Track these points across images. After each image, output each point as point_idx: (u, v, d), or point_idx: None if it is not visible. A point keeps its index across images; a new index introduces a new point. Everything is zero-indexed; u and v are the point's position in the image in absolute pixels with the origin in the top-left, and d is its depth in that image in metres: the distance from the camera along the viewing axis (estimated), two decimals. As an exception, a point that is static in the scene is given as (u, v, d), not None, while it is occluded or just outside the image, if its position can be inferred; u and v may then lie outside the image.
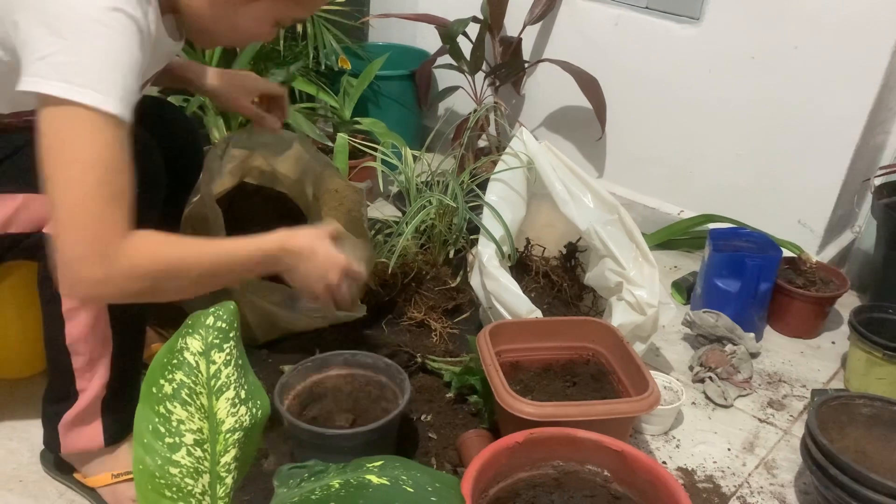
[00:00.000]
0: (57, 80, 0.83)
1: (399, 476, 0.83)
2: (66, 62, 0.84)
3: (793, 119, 1.88)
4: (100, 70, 0.85)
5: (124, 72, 0.87)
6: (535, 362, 1.38)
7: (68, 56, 0.84)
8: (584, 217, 1.50)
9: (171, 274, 0.92)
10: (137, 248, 0.89)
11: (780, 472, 1.38)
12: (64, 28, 0.84)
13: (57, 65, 0.84)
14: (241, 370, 0.82)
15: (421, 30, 2.46)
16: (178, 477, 0.77)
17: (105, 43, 0.86)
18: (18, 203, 1.02)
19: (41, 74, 0.84)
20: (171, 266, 0.92)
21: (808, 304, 1.74)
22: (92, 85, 0.84)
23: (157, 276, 0.91)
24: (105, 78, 0.85)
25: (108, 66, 0.86)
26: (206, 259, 0.96)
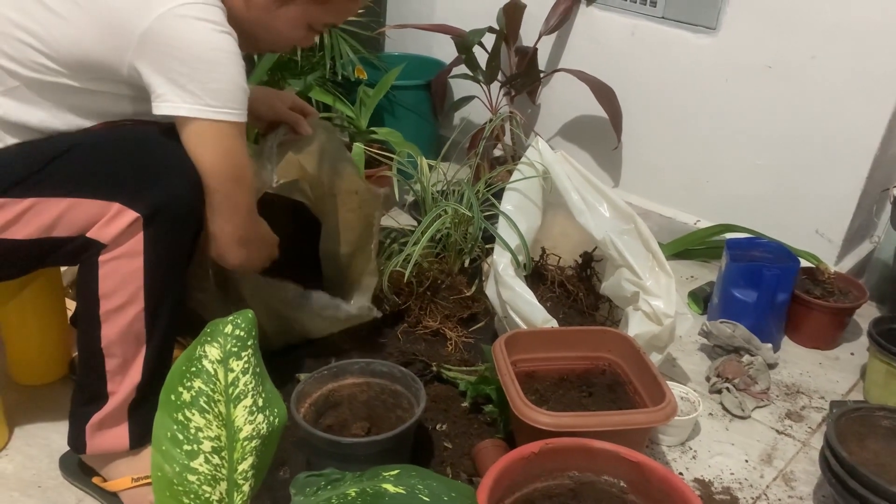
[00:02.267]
0: (196, 104, 1.03)
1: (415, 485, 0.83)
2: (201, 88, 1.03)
3: (810, 129, 1.87)
4: (229, 90, 1.05)
5: (241, 83, 1.07)
6: (550, 372, 1.38)
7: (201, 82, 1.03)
8: (599, 226, 1.50)
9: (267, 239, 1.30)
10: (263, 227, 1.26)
11: (799, 484, 1.37)
12: (191, 60, 1.02)
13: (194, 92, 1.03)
14: (258, 378, 0.83)
15: (437, 40, 2.47)
16: (196, 484, 0.78)
17: (228, 64, 1.05)
18: (63, 207, 1.04)
19: (181, 99, 1.03)
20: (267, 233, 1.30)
21: (826, 314, 1.73)
22: (228, 105, 1.06)
23: (265, 242, 1.29)
24: (233, 96, 1.06)
25: (233, 84, 1.06)
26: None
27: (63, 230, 1.04)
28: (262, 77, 2.06)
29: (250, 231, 1.18)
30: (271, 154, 1.35)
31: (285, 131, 1.38)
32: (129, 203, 1.03)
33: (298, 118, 1.39)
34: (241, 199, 1.13)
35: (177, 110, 1.03)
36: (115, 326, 1.08)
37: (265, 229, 1.28)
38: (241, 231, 1.16)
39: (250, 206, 1.17)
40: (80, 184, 1.04)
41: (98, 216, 1.03)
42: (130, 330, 1.08)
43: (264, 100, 1.38)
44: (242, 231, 1.16)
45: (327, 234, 1.54)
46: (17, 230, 1.04)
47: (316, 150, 1.41)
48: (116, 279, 1.05)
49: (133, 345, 1.10)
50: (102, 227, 1.03)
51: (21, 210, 1.03)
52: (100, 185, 1.04)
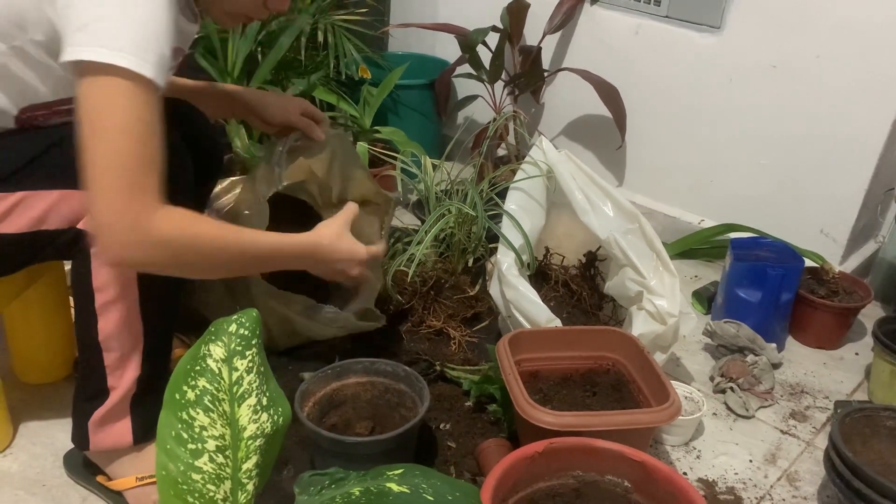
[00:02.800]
0: (95, 45, 0.86)
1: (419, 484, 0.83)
2: (103, 28, 0.87)
3: (815, 128, 1.87)
4: (135, 35, 0.88)
5: (159, 38, 0.90)
6: (554, 371, 1.38)
7: (105, 23, 0.87)
8: (604, 226, 1.50)
9: (197, 250, 0.96)
10: (170, 218, 0.92)
11: (803, 484, 1.36)
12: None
13: (94, 32, 0.86)
14: (262, 377, 0.83)
15: (440, 39, 2.47)
16: (201, 483, 0.78)
17: (141, 10, 0.89)
18: (53, 199, 1.03)
19: (79, 43, 0.87)
20: (200, 242, 0.96)
21: (830, 314, 1.72)
22: (127, 49, 0.86)
23: (183, 249, 0.94)
24: (140, 43, 0.88)
25: (144, 31, 0.89)
26: (235, 243, 1.01)
27: (54, 222, 1.04)
28: (265, 76, 2.06)
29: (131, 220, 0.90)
30: (280, 159, 1.35)
31: (297, 137, 1.38)
32: None
33: (310, 124, 1.39)
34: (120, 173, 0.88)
35: (73, 54, 0.87)
36: (112, 319, 1.07)
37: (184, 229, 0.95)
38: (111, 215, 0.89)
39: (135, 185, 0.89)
40: (70, 175, 1.00)
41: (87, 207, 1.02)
42: (127, 322, 1.08)
43: (276, 105, 1.37)
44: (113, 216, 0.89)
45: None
46: (8, 224, 1.03)
47: (327, 156, 1.41)
48: (109, 271, 1.05)
49: (130, 338, 1.09)
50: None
51: (11, 204, 1.03)
52: None
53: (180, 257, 0.95)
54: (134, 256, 0.92)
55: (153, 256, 0.93)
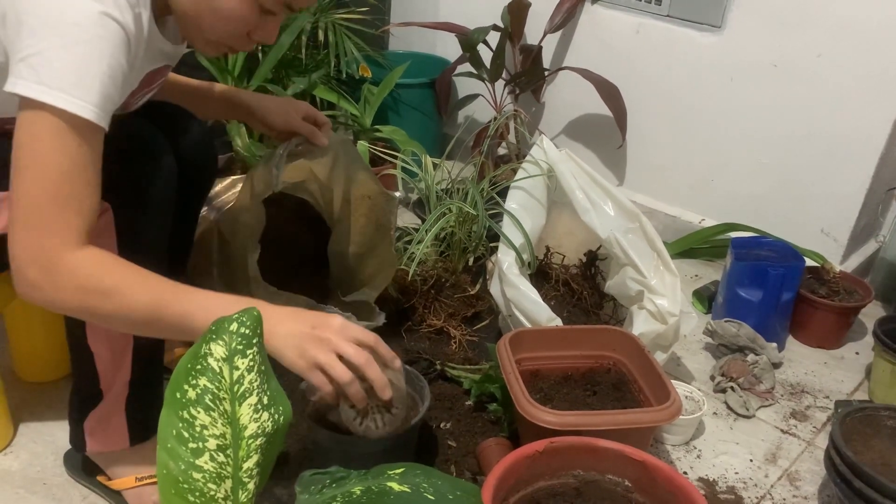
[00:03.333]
0: (33, 81, 0.84)
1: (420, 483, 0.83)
2: (44, 64, 0.84)
3: (816, 127, 1.87)
4: (77, 75, 0.85)
5: (103, 79, 0.86)
6: (555, 371, 1.37)
7: (47, 58, 0.84)
8: (604, 225, 1.50)
9: (100, 299, 0.89)
10: (79, 262, 0.87)
11: (804, 483, 1.36)
12: (48, 30, 0.84)
13: (35, 66, 0.84)
14: (263, 376, 0.83)
15: (441, 38, 2.47)
16: (201, 482, 0.78)
17: (87, 49, 0.85)
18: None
19: (20, 75, 0.84)
20: (103, 291, 0.88)
21: (831, 314, 1.72)
22: (66, 89, 0.84)
23: (87, 297, 0.88)
24: (81, 83, 0.85)
25: (87, 71, 0.85)
26: (144, 297, 0.90)
27: None
28: (266, 75, 2.06)
29: (43, 259, 0.86)
30: (279, 162, 1.34)
31: (299, 142, 1.37)
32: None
33: (313, 130, 1.36)
34: (37, 211, 0.86)
35: (12, 86, 0.85)
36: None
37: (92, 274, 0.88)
38: (25, 252, 0.87)
39: (51, 224, 0.86)
40: None
41: None
42: None
43: (278, 109, 1.35)
44: (26, 253, 0.87)
45: (337, 236, 1.53)
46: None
47: (329, 160, 1.40)
48: None
49: (120, 340, 1.09)
50: None
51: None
52: None
53: (86, 305, 0.89)
54: (39, 296, 0.88)
55: (57, 300, 0.88)
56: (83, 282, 0.88)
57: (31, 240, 0.86)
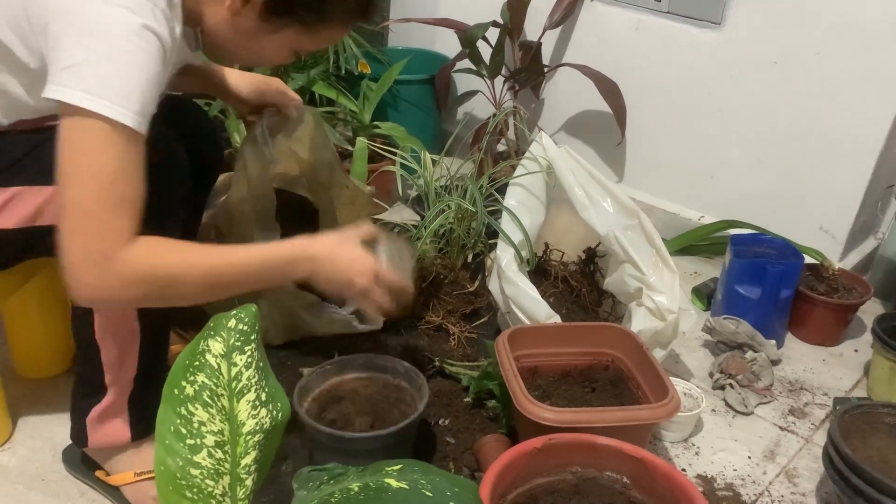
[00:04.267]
0: (79, 89, 0.86)
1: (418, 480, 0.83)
2: (90, 74, 0.87)
3: (815, 124, 1.87)
4: (120, 84, 0.88)
5: (144, 87, 0.90)
6: (553, 368, 1.37)
7: (92, 68, 0.87)
8: (603, 222, 1.49)
9: (171, 280, 0.94)
10: (137, 255, 0.91)
11: (802, 480, 1.36)
12: (92, 41, 0.87)
13: (81, 75, 0.87)
14: (261, 372, 0.83)
15: (440, 34, 2.47)
16: (199, 478, 0.78)
17: (129, 59, 0.89)
18: (48, 195, 1.03)
19: (64, 83, 0.87)
20: (171, 273, 0.94)
21: (830, 311, 1.72)
22: (110, 97, 0.87)
23: (156, 283, 0.93)
24: (124, 91, 0.88)
25: (129, 80, 0.89)
26: (210, 266, 0.97)
27: (48, 218, 1.03)
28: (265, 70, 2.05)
29: (103, 262, 0.89)
30: (265, 136, 1.34)
31: (271, 114, 1.38)
32: None
33: (285, 100, 1.38)
34: (90, 217, 0.89)
35: (56, 93, 0.87)
36: (108, 317, 1.07)
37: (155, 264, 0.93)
38: (82, 258, 0.89)
39: (105, 229, 0.89)
40: None
41: None
42: (123, 320, 1.08)
43: (250, 83, 1.37)
44: (83, 259, 0.89)
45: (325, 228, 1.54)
46: (3, 219, 1.03)
47: (307, 135, 1.40)
48: None
49: (127, 335, 1.09)
50: None
51: (5, 199, 1.02)
52: None
53: (157, 290, 0.94)
54: (104, 297, 0.92)
55: (123, 295, 0.92)
56: (147, 269, 0.92)
57: (87, 245, 0.89)
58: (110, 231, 0.89)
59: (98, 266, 0.89)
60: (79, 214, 0.89)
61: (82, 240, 0.89)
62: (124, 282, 0.90)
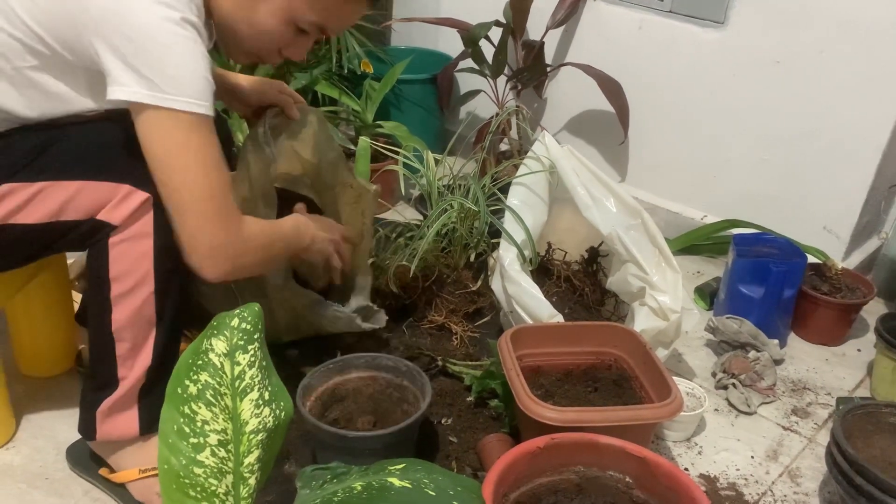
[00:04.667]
0: (152, 90, 0.94)
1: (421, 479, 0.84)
2: (157, 73, 0.94)
3: (818, 124, 1.86)
4: (187, 78, 0.96)
5: (204, 73, 0.98)
6: (556, 367, 1.37)
7: (157, 67, 0.94)
8: (606, 221, 1.49)
9: (268, 248, 1.12)
10: (249, 226, 1.07)
11: (805, 480, 1.36)
12: (146, 42, 0.94)
13: (148, 76, 0.94)
14: (265, 372, 0.83)
15: (443, 34, 2.47)
16: (203, 477, 0.78)
17: (184, 51, 0.96)
18: (72, 190, 1.03)
19: (128, 83, 0.94)
20: (269, 242, 1.13)
21: (833, 310, 1.72)
22: (193, 95, 0.96)
23: (263, 251, 1.10)
24: (192, 84, 0.96)
25: (192, 72, 0.97)
26: (280, 236, 1.18)
27: (72, 213, 1.04)
28: (268, 70, 2.06)
29: (226, 240, 1.02)
30: (267, 137, 1.34)
31: (274, 113, 1.38)
32: (138, 184, 1.03)
33: (288, 100, 1.38)
34: (206, 201, 1.00)
35: (132, 95, 0.94)
36: (126, 310, 1.08)
37: (264, 242, 1.11)
38: (211, 239, 1.01)
39: (220, 209, 1.01)
40: (89, 166, 1.04)
41: (108, 198, 1.04)
42: (141, 313, 1.08)
43: (253, 86, 1.37)
44: (214, 239, 1.01)
45: None
46: (27, 215, 1.04)
47: (310, 136, 1.40)
48: (127, 261, 1.06)
49: (144, 328, 1.10)
50: (112, 209, 1.04)
51: (30, 194, 1.03)
52: (109, 168, 1.04)
53: (266, 255, 1.12)
54: (241, 265, 1.06)
55: (252, 261, 1.09)
56: (260, 242, 1.10)
57: (213, 228, 1.01)
58: (229, 210, 1.02)
59: (231, 245, 1.03)
60: (202, 203, 0.99)
61: (213, 225, 1.00)
62: (252, 249, 1.07)
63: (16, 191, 1.03)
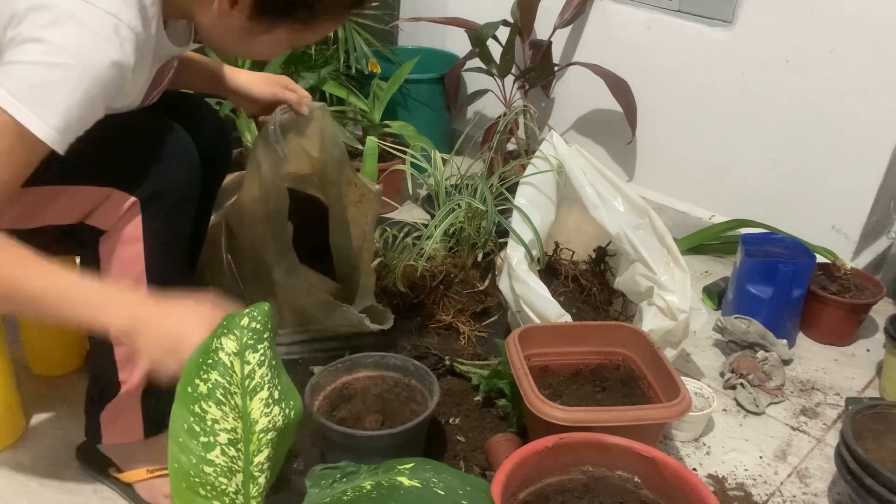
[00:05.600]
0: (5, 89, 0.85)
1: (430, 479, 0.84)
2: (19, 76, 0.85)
3: (828, 123, 1.86)
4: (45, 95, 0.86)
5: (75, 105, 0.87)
6: (564, 367, 1.37)
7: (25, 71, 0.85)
8: (614, 221, 1.49)
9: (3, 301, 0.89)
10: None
11: (814, 481, 1.36)
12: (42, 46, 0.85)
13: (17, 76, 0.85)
14: (274, 371, 0.84)
15: (450, 33, 2.47)
16: (213, 476, 0.78)
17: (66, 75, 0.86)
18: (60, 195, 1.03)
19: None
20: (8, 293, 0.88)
21: (842, 310, 1.71)
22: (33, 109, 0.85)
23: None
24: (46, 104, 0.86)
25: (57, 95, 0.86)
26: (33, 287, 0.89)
27: (61, 218, 1.04)
28: (276, 70, 2.06)
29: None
30: (277, 135, 1.35)
31: (284, 110, 1.38)
32: (126, 188, 1.03)
33: (295, 98, 1.38)
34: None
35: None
36: None
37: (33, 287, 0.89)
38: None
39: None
40: (77, 171, 1.02)
41: (96, 202, 1.03)
42: None
43: (261, 83, 1.37)
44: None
45: (334, 226, 1.54)
46: (16, 220, 1.03)
47: (317, 132, 1.40)
48: (118, 265, 1.06)
49: None
50: (101, 213, 1.04)
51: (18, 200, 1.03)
52: (96, 172, 1.04)
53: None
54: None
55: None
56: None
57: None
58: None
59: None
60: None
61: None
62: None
63: None
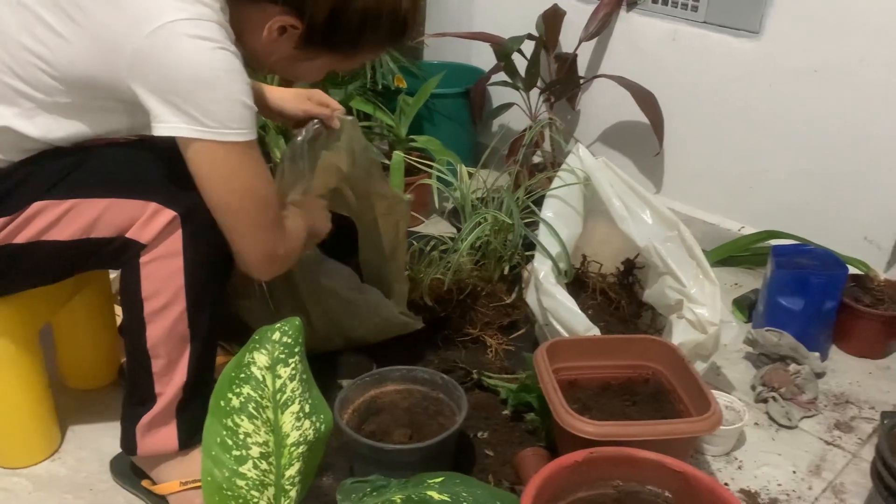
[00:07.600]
0: (192, 124, 0.98)
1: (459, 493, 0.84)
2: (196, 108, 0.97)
3: (858, 133, 1.84)
4: (226, 108, 0.99)
5: (242, 99, 1.00)
6: (593, 381, 1.37)
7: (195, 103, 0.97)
8: (642, 233, 1.48)
9: (299, 239, 1.19)
10: (288, 228, 1.15)
11: (849, 496, 1.34)
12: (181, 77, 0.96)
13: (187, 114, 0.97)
14: (305, 384, 0.85)
15: (476, 48, 2.48)
16: (245, 489, 0.79)
17: (222, 81, 0.98)
18: (102, 207, 1.06)
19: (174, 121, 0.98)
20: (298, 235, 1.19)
21: (876, 322, 1.69)
22: (227, 125, 0.99)
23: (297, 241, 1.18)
24: (231, 113, 0.99)
25: (231, 102, 0.99)
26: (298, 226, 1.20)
27: (102, 231, 1.07)
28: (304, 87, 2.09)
29: (278, 246, 1.12)
30: (303, 151, 1.36)
31: (315, 123, 1.40)
32: (165, 202, 1.05)
33: (328, 112, 1.40)
34: (259, 216, 1.08)
35: (176, 131, 0.98)
36: (160, 327, 1.10)
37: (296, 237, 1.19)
38: (266, 247, 1.10)
39: (272, 221, 1.10)
40: (118, 184, 1.06)
41: (136, 216, 1.06)
42: (174, 330, 1.10)
43: (293, 98, 1.40)
44: (268, 247, 1.11)
45: (363, 240, 1.55)
46: (59, 231, 1.06)
47: (345, 145, 1.41)
48: (158, 280, 1.08)
49: (177, 345, 1.12)
50: (141, 227, 1.06)
51: (62, 211, 1.06)
52: (137, 186, 1.06)
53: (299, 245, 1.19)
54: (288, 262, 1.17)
55: (293, 255, 1.18)
56: (295, 236, 1.17)
57: (267, 237, 1.10)
58: (275, 223, 1.11)
59: (277, 253, 1.12)
60: (253, 220, 1.07)
61: (262, 237, 1.09)
62: (291, 250, 1.16)
63: (47, 208, 1.06)
